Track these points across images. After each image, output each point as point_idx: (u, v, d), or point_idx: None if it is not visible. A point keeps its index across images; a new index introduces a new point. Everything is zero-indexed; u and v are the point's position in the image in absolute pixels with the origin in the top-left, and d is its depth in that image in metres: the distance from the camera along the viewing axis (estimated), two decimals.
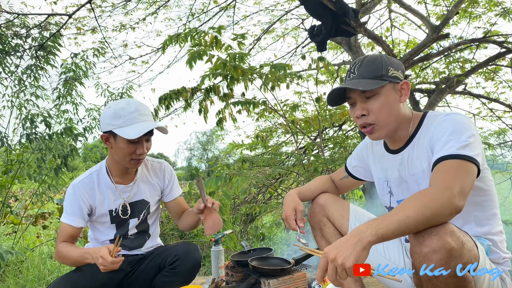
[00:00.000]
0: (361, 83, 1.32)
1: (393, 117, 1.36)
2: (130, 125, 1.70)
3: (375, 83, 1.31)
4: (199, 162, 37.37)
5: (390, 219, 1.08)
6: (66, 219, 1.80)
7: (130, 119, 1.70)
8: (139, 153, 1.75)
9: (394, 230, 1.07)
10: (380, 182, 1.58)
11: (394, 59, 1.40)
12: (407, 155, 1.40)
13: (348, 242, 1.08)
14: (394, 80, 1.34)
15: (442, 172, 1.17)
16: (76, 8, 4.10)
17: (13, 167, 3.92)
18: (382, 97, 1.33)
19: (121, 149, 1.74)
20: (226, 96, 3.42)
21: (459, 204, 1.09)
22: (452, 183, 1.11)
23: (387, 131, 1.38)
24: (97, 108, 4.69)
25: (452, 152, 1.19)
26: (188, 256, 1.84)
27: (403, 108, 1.39)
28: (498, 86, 5.69)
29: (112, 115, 1.71)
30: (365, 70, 1.35)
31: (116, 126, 1.70)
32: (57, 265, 3.23)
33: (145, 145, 1.77)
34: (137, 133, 1.67)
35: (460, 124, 1.25)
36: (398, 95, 1.36)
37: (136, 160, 1.78)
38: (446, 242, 1.04)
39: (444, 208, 1.07)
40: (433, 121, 1.33)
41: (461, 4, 4.15)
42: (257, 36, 6.72)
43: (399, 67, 1.37)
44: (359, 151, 1.70)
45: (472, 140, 1.20)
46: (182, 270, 1.82)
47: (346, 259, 1.05)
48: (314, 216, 1.68)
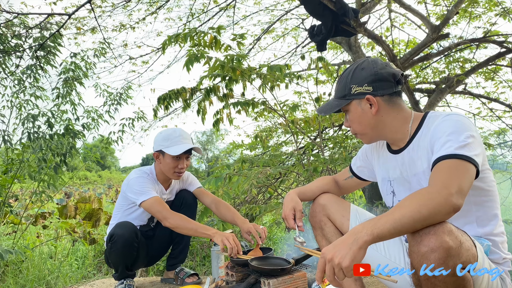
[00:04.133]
0: (328, 106, 1.50)
1: (367, 127, 1.45)
2: (174, 146, 2.28)
3: (338, 104, 1.46)
4: (199, 162, 37.35)
5: (386, 219, 1.09)
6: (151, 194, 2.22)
7: (175, 142, 2.29)
8: (181, 167, 2.32)
9: (390, 229, 1.08)
10: (383, 182, 1.59)
11: (363, 70, 1.41)
12: (408, 156, 1.42)
13: (345, 242, 1.09)
14: (357, 96, 1.42)
15: (440, 172, 1.18)
16: (76, 8, 4.10)
17: (13, 167, 3.91)
18: (351, 114, 1.47)
19: (167, 164, 2.31)
20: (226, 97, 3.42)
21: (457, 202, 1.09)
22: (450, 182, 1.12)
23: (370, 138, 1.51)
24: (94, 110, 4.69)
25: (450, 152, 1.19)
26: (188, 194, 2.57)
27: (385, 116, 1.41)
28: (498, 86, 5.70)
29: (162, 138, 2.31)
30: (336, 90, 1.50)
31: (165, 146, 2.30)
32: (57, 265, 3.23)
33: (185, 162, 2.34)
34: (179, 150, 2.25)
35: (459, 124, 1.25)
36: (368, 108, 1.42)
37: (178, 173, 2.34)
38: (444, 241, 1.04)
39: (441, 206, 1.08)
40: (433, 121, 1.34)
41: (461, 4, 4.15)
42: (257, 36, 6.72)
43: (365, 80, 1.40)
44: (363, 152, 1.72)
45: (471, 140, 1.20)
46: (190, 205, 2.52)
47: (342, 259, 1.06)
48: (315, 216, 1.69)
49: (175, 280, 2.54)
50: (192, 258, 3.58)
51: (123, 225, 2.23)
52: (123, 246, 2.19)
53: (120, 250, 2.20)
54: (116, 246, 2.19)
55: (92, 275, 3.30)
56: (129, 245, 2.21)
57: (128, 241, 2.20)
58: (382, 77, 1.39)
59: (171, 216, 2.18)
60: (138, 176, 2.31)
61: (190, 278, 2.49)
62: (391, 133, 1.45)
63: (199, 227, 2.18)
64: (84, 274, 3.15)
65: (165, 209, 2.20)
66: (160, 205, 2.21)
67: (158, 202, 2.21)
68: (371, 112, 1.41)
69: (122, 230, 2.20)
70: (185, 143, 2.30)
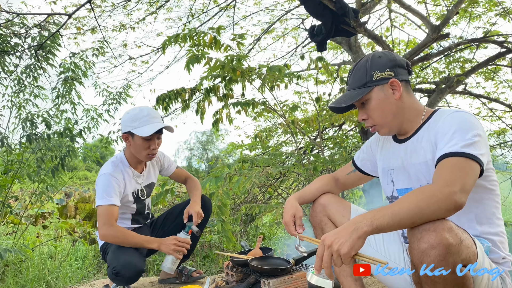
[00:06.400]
0: (346, 97, 1.45)
1: (390, 115, 1.42)
2: (144, 126, 2.14)
3: (360, 93, 1.41)
4: (199, 162, 37.33)
5: (385, 211, 1.11)
6: (108, 201, 2.13)
7: (143, 121, 2.15)
8: (152, 148, 2.20)
9: (389, 221, 1.09)
10: (383, 173, 1.59)
11: (380, 58, 1.42)
12: (412, 145, 1.42)
13: (345, 230, 1.11)
14: (379, 82, 1.40)
15: (445, 169, 1.18)
16: (76, 8, 4.10)
17: (13, 167, 3.91)
18: (373, 101, 1.42)
19: (138, 146, 2.19)
20: (225, 97, 3.42)
21: (459, 200, 1.10)
22: (453, 180, 1.13)
23: (390, 127, 1.46)
24: (94, 109, 4.68)
25: (456, 150, 1.19)
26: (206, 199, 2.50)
27: (405, 102, 1.42)
28: (498, 86, 5.70)
29: (129, 119, 2.17)
30: (353, 81, 1.45)
31: (133, 127, 2.16)
32: (57, 265, 3.23)
33: (157, 142, 2.21)
34: (149, 131, 2.12)
35: (467, 122, 1.25)
36: (391, 93, 1.40)
37: (150, 154, 2.23)
38: (444, 238, 1.05)
39: (442, 203, 1.09)
40: (441, 116, 1.36)
41: (461, 4, 4.15)
42: (257, 36, 6.72)
43: (385, 66, 1.40)
44: (368, 144, 1.71)
45: (477, 139, 1.21)
46: (207, 210, 2.44)
47: (342, 246, 1.08)
48: (316, 216, 1.69)
49: (179, 278, 2.53)
50: (192, 258, 3.57)
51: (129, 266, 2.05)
52: (129, 283, 2.16)
53: (127, 283, 2.18)
54: (124, 283, 2.16)
55: (92, 275, 3.29)
56: (135, 280, 2.15)
57: (134, 279, 2.11)
58: (400, 63, 1.43)
59: (115, 229, 2.11)
60: (104, 174, 2.18)
61: (195, 272, 2.55)
62: (406, 122, 1.44)
63: (143, 241, 2.14)
64: (84, 274, 3.14)
65: (111, 220, 2.11)
66: (109, 214, 2.11)
67: (110, 211, 2.11)
68: (393, 97, 1.40)
69: (129, 272, 2.05)
70: (155, 122, 2.17)
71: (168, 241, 2.15)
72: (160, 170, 2.54)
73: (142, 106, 2.27)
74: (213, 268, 3.25)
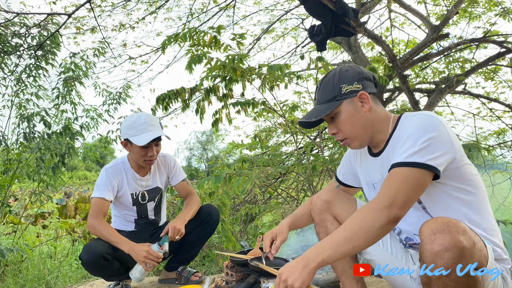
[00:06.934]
0: (316, 112, 1.43)
1: (361, 127, 1.41)
2: (140, 134, 2.17)
3: (329, 107, 1.40)
4: (198, 162, 37.33)
5: (325, 244, 1.21)
6: (98, 194, 2.21)
7: (140, 130, 2.17)
8: (150, 155, 2.23)
9: (330, 254, 1.19)
10: (368, 186, 1.57)
11: (348, 71, 1.42)
12: (386, 158, 1.40)
13: (298, 267, 1.21)
14: (348, 95, 1.40)
15: (385, 182, 1.23)
16: (76, 7, 4.10)
17: (12, 167, 3.91)
18: (343, 115, 1.41)
19: (136, 153, 2.24)
20: (225, 97, 3.42)
21: (391, 214, 1.16)
22: (390, 194, 1.18)
23: (361, 140, 1.45)
24: (94, 109, 4.67)
25: (401, 160, 1.22)
26: (215, 211, 2.47)
27: (374, 114, 1.41)
28: (498, 86, 5.70)
29: (127, 126, 2.20)
30: (322, 95, 1.44)
31: (130, 135, 2.19)
32: (56, 265, 3.23)
33: (155, 149, 2.24)
34: (145, 140, 2.15)
35: (422, 125, 1.24)
36: (360, 106, 1.40)
37: (148, 161, 2.27)
38: (458, 240, 1.05)
39: (374, 221, 1.17)
40: (403, 121, 1.37)
41: (461, 4, 4.15)
42: (257, 36, 6.72)
43: (353, 79, 1.40)
44: (346, 158, 1.70)
45: (428, 143, 1.20)
46: (213, 222, 2.44)
47: (294, 282, 1.19)
48: (320, 213, 1.64)
49: (178, 280, 2.52)
50: None
51: (88, 250, 2.11)
52: (91, 270, 2.21)
53: (91, 272, 2.24)
54: (87, 269, 2.22)
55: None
56: (96, 268, 2.16)
57: (94, 265, 2.12)
58: (367, 76, 1.43)
59: (97, 221, 2.16)
60: (105, 168, 2.31)
61: (193, 276, 2.51)
62: (376, 133, 1.43)
63: (116, 240, 2.12)
64: (84, 274, 3.14)
65: (98, 213, 2.18)
66: (98, 207, 2.19)
67: (99, 204, 2.19)
68: (363, 110, 1.40)
69: (87, 256, 2.10)
70: (151, 130, 2.19)
71: (139, 248, 2.09)
72: (168, 176, 2.52)
73: (140, 113, 2.31)
74: (212, 268, 3.24)
